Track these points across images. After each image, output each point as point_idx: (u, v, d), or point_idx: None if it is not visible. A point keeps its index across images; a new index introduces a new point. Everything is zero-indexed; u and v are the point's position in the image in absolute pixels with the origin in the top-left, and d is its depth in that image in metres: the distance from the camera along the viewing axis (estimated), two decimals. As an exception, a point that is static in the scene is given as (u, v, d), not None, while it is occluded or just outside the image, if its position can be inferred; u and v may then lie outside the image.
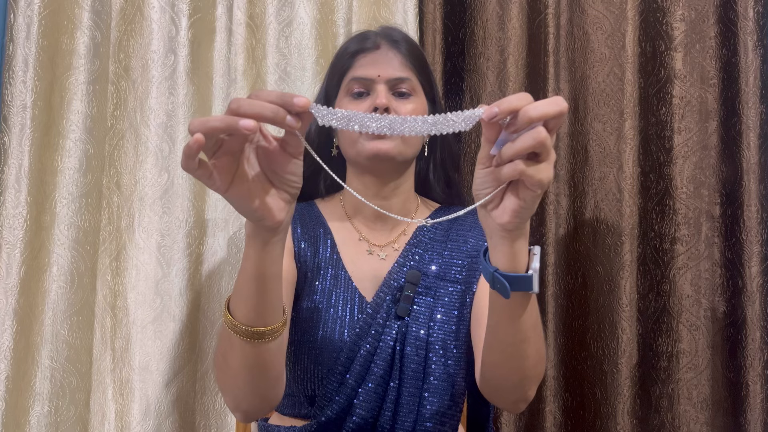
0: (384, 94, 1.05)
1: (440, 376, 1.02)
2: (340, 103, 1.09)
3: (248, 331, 0.78)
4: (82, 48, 1.38)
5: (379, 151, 1.04)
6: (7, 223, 1.30)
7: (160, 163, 1.42)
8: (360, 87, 1.07)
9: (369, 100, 1.06)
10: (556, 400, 1.52)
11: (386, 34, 1.12)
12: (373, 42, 1.10)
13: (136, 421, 1.37)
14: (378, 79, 1.06)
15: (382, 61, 1.08)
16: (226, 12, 1.48)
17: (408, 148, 1.08)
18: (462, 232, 1.13)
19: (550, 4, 1.53)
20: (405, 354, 1.02)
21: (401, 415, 1.02)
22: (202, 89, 1.46)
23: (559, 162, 1.55)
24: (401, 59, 1.09)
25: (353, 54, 1.10)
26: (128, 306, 1.40)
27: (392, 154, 1.05)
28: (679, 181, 1.51)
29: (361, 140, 1.05)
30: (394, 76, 1.07)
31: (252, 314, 0.78)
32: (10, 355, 1.28)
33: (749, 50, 1.50)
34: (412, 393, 1.02)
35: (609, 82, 1.54)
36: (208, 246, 1.45)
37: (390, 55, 1.09)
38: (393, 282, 1.06)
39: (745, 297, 1.48)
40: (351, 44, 1.13)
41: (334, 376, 1.01)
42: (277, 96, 0.64)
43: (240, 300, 0.79)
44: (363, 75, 1.07)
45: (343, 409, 1.01)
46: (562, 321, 1.54)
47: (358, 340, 1.02)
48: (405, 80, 1.08)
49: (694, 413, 1.48)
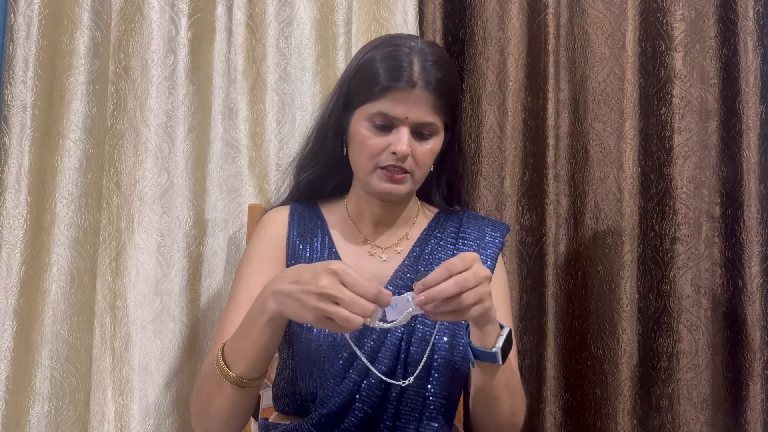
0: (406, 140, 1.02)
1: (445, 372, 1.02)
2: (359, 126, 1.05)
3: (241, 381, 0.91)
4: (82, 48, 1.38)
5: (391, 194, 1.06)
6: (7, 223, 1.30)
7: (160, 163, 1.42)
8: (384, 121, 1.03)
9: (390, 137, 1.03)
10: (556, 400, 1.52)
11: (423, 68, 1.03)
12: (408, 80, 1.02)
13: (136, 421, 1.37)
14: (405, 121, 1.03)
15: (412, 103, 1.02)
16: (226, 12, 1.48)
17: (417, 184, 1.09)
18: (467, 242, 1.13)
19: (550, 4, 1.53)
20: (410, 353, 1.02)
21: (404, 413, 1.02)
22: (201, 89, 1.46)
23: (560, 162, 1.55)
24: (432, 102, 1.03)
25: (384, 88, 1.02)
26: (128, 306, 1.40)
27: (402, 195, 1.07)
28: (679, 181, 1.51)
29: (375, 177, 1.05)
30: (421, 120, 1.03)
31: (249, 370, 0.91)
32: (10, 355, 1.28)
33: (749, 50, 1.50)
34: (415, 390, 1.02)
35: (609, 82, 1.54)
36: (208, 246, 1.45)
37: (423, 99, 1.02)
38: (399, 281, 1.06)
39: (745, 297, 1.48)
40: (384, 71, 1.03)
41: (335, 370, 1.01)
42: (374, 296, 0.82)
43: (240, 357, 0.91)
44: (391, 113, 1.02)
45: (345, 404, 1.00)
46: (562, 321, 1.54)
47: (362, 336, 1.02)
48: (430, 125, 1.04)
49: (694, 413, 1.48)
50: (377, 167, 1.05)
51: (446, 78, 1.05)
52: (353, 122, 1.07)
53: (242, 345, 0.90)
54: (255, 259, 1.10)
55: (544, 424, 1.50)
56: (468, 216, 1.18)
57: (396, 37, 1.10)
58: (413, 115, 1.03)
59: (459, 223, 1.16)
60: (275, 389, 1.11)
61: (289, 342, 1.06)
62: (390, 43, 1.07)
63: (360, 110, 1.05)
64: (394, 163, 1.04)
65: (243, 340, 0.90)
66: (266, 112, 1.48)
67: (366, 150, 1.05)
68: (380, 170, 1.05)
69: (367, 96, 1.04)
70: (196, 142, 1.44)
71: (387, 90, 1.02)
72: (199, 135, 1.45)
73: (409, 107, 1.02)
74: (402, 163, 1.04)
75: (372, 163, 1.05)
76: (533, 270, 1.54)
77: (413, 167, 1.05)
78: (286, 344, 1.07)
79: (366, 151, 1.05)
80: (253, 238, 1.14)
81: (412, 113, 1.02)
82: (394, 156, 1.03)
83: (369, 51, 1.07)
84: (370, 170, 1.06)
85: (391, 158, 1.03)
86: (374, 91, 1.03)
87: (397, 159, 1.03)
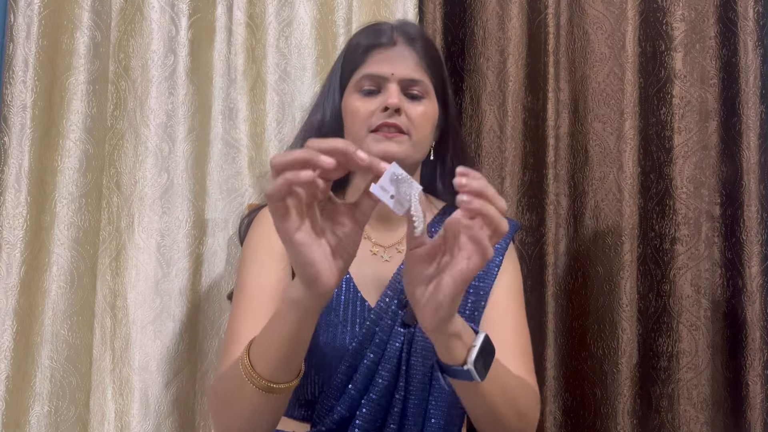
0: (396, 94, 1.01)
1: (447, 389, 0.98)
2: (349, 98, 1.05)
3: (266, 386, 0.79)
4: (82, 48, 1.38)
5: (387, 153, 0.99)
6: (7, 223, 1.30)
7: (160, 163, 1.42)
8: (371, 84, 1.03)
9: (380, 99, 1.02)
10: (556, 400, 1.52)
11: (402, 30, 1.06)
12: (389, 37, 1.05)
13: (136, 421, 1.37)
14: (391, 77, 1.02)
15: (396, 60, 1.03)
16: (226, 12, 1.48)
17: (417, 152, 1.04)
18: None
19: (550, 4, 1.53)
20: (411, 365, 0.98)
21: (406, 428, 0.98)
22: (201, 89, 1.46)
23: (560, 162, 1.55)
24: (416, 59, 1.04)
25: (366, 49, 1.04)
26: (128, 306, 1.40)
27: (400, 157, 1.00)
28: (679, 181, 1.51)
29: (369, 140, 1.01)
30: (408, 77, 1.02)
31: (275, 371, 0.79)
32: (10, 355, 1.28)
33: (749, 50, 1.50)
34: (417, 405, 0.98)
35: (609, 82, 1.54)
36: (208, 246, 1.45)
37: (405, 54, 1.04)
38: (399, 285, 1.01)
39: (745, 297, 1.48)
40: (364, 37, 1.08)
41: (335, 384, 0.98)
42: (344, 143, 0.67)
43: (265, 356, 0.79)
44: (376, 72, 1.02)
45: (344, 420, 0.97)
46: (562, 321, 1.54)
47: (360, 348, 0.98)
48: (418, 82, 1.03)
49: (694, 413, 1.48)
50: (369, 131, 1.01)
51: (427, 38, 1.09)
52: (344, 100, 1.06)
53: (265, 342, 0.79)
54: (260, 250, 1.04)
55: (544, 424, 1.50)
56: None
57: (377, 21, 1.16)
58: (399, 71, 1.02)
59: None
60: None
61: None
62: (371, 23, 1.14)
63: (349, 85, 1.06)
64: (387, 121, 1.00)
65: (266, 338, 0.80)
66: (266, 112, 1.48)
67: (357, 116, 1.02)
68: (373, 133, 1.01)
69: (353, 65, 1.06)
70: (196, 142, 1.44)
71: (368, 51, 1.04)
72: (199, 135, 1.45)
73: (393, 63, 1.02)
74: (395, 120, 1.00)
75: (364, 128, 1.01)
76: (533, 270, 1.54)
77: (409, 126, 1.01)
78: None
79: (357, 117, 1.02)
80: (252, 233, 1.08)
81: (397, 69, 1.02)
82: (386, 113, 1.00)
83: (352, 36, 1.13)
84: (363, 136, 1.01)
85: (382, 116, 1.00)
86: (357, 56, 1.05)
87: (389, 115, 1.00)
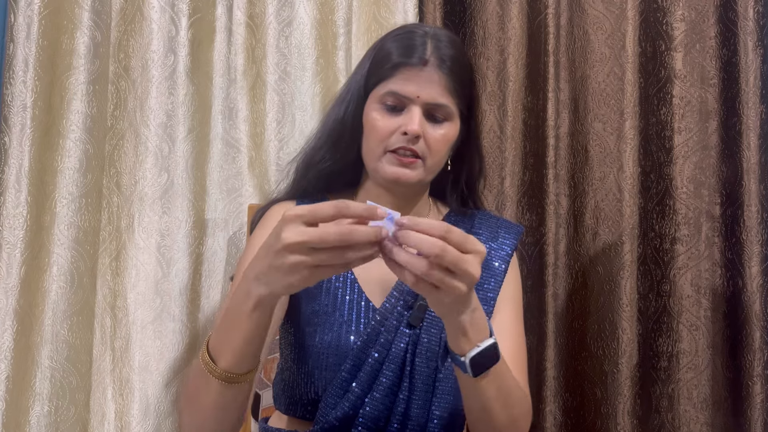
0: (417, 120, 0.98)
1: (450, 390, 0.99)
2: (371, 108, 1.02)
3: (228, 376, 0.81)
4: (82, 48, 1.38)
5: (400, 179, 1.00)
6: (7, 223, 1.30)
7: (160, 163, 1.42)
8: (395, 101, 1.00)
9: (401, 118, 1.00)
10: (556, 400, 1.52)
11: (436, 47, 1.01)
12: (420, 56, 1.00)
13: (136, 421, 1.37)
14: (416, 100, 0.99)
15: (424, 82, 0.99)
16: (226, 12, 1.48)
17: (429, 174, 1.04)
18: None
19: (550, 4, 1.53)
20: (415, 365, 0.98)
21: (409, 428, 0.98)
22: (201, 89, 1.46)
23: (560, 162, 1.55)
24: (445, 83, 1.00)
25: (396, 65, 1.00)
26: (128, 306, 1.40)
27: (412, 182, 1.01)
28: (679, 181, 1.51)
29: (384, 161, 1.00)
30: (433, 101, 0.99)
31: (235, 363, 0.81)
32: (10, 355, 1.28)
33: (749, 50, 1.50)
34: (420, 405, 0.98)
35: (609, 82, 1.54)
36: (208, 246, 1.45)
37: (434, 78, 0.99)
38: (405, 286, 0.99)
39: (745, 297, 1.48)
40: (396, 49, 1.02)
41: (338, 382, 0.98)
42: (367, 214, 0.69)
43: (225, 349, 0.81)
44: (402, 93, 0.99)
45: (347, 418, 0.97)
46: (562, 321, 1.54)
47: (365, 347, 0.98)
48: (442, 107, 1.00)
49: (694, 413, 1.48)
50: (386, 151, 1.00)
51: (460, 58, 1.03)
52: (366, 107, 1.03)
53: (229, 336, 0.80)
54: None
55: (544, 424, 1.50)
56: (481, 216, 1.13)
57: (412, 24, 1.10)
58: (425, 95, 0.99)
59: (471, 224, 1.11)
60: (275, 388, 1.10)
61: (291, 345, 1.04)
62: (405, 28, 1.07)
63: (373, 93, 1.03)
64: (405, 145, 0.98)
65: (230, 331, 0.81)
66: (266, 112, 1.48)
67: (376, 133, 1.01)
68: (389, 154, 0.99)
69: (380, 76, 1.02)
70: (196, 142, 1.44)
71: (397, 67, 1.00)
72: (199, 135, 1.45)
73: (420, 85, 0.99)
74: (413, 145, 0.99)
75: (381, 147, 1.00)
76: (533, 270, 1.54)
77: (425, 152, 1.00)
78: (289, 347, 1.05)
79: (376, 134, 1.01)
80: (257, 231, 1.07)
81: (423, 92, 0.99)
82: (405, 137, 0.99)
83: (385, 37, 1.07)
84: (379, 154, 1.00)
85: (401, 140, 0.99)
86: (385, 69, 1.01)
87: (407, 140, 0.98)
